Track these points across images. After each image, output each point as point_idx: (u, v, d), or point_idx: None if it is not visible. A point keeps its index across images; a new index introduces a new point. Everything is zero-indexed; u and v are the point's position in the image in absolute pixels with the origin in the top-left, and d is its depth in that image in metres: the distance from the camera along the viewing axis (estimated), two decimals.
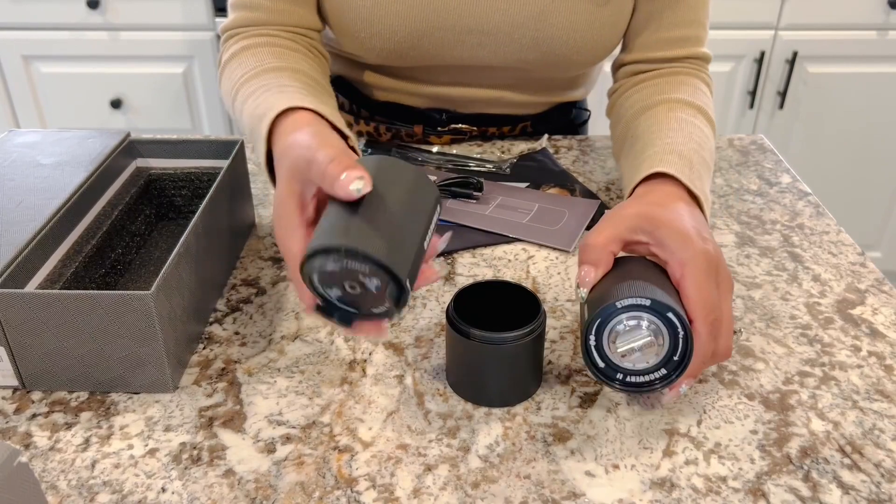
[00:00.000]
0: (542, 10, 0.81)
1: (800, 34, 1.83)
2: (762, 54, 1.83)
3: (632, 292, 0.51)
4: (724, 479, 0.52)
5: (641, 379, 0.53)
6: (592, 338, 0.53)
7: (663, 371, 0.53)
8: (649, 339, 0.52)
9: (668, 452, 0.54)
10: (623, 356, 0.52)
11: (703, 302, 0.52)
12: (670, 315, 0.51)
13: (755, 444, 0.55)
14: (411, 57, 0.86)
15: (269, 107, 0.63)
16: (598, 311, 0.52)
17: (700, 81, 0.82)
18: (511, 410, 0.57)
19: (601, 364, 0.53)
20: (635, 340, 0.52)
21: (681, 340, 0.52)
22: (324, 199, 0.53)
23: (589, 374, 0.60)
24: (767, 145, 1.00)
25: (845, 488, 0.51)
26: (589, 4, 0.81)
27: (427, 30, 0.83)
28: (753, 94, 1.89)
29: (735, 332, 0.55)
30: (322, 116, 0.63)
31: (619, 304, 0.51)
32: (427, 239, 0.49)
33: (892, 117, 1.93)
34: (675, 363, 0.53)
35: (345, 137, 0.64)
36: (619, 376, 0.53)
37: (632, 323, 0.52)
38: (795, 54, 1.83)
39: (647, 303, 0.51)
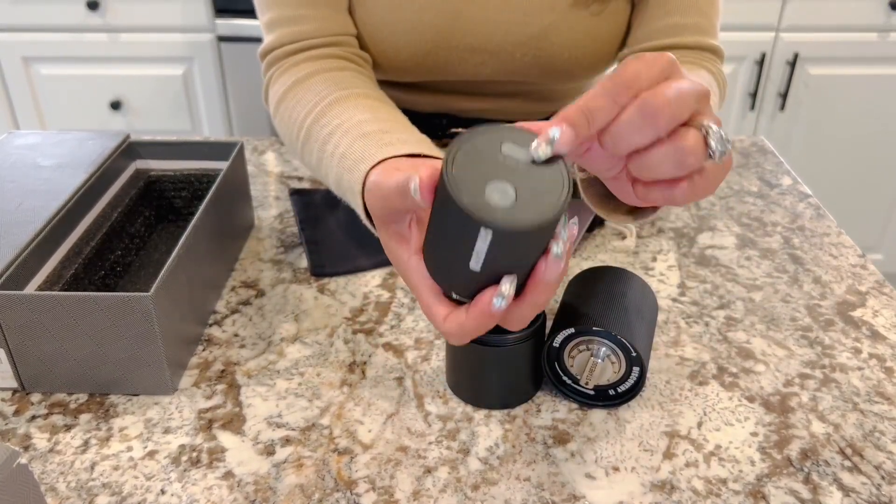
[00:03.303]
0: (544, 29, 0.81)
1: (801, 36, 1.83)
2: (763, 56, 1.83)
3: (560, 326, 0.55)
4: (724, 482, 0.52)
5: (617, 390, 0.57)
6: (560, 374, 0.58)
7: (630, 381, 0.56)
8: (598, 362, 0.56)
9: (668, 455, 0.54)
10: (587, 382, 0.56)
11: (618, 70, 0.41)
12: (601, 336, 0.55)
13: (755, 446, 0.54)
14: (415, 73, 0.86)
15: (359, 159, 0.59)
16: (546, 358, 0.57)
17: (703, 70, 0.76)
18: (511, 412, 0.57)
19: (567, 380, 0.58)
20: (587, 367, 0.56)
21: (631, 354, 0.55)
22: (423, 220, 0.49)
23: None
24: (768, 147, 1.00)
25: (846, 490, 0.51)
26: (590, 19, 0.81)
27: (431, 49, 0.83)
28: (754, 95, 1.89)
29: (706, 130, 0.42)
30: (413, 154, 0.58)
31: (555, 345, 0.57)
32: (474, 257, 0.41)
33: (893, 119, 1.93)
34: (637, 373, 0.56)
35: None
36: (591, 392, 0.58)
37: (578, 352, 0.56)
38: (796, 56, 1.83)
39: (572, 331, 0.55)
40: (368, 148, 0.59)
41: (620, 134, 0.41)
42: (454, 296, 0.45)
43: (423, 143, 0.60)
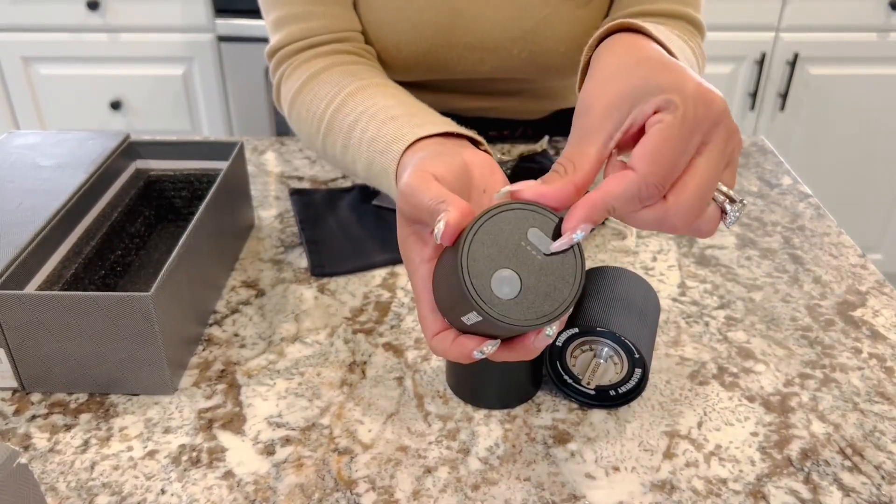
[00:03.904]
0: (539, 23, 0.81)
1: (801, 35, 1.83)
2: (763, 56, 1.83)
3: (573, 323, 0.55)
4: (724, 482, 0.52)
5: (618, 391, 0.57)
6: (561, 373, 0.58)
7: (634, 380, 0.56)
8: (600, 362, 0.56)
9: (668, 454, 0.54)
10: (588, 382, 0.56)
11: (655, 156, 0.39)
12: (605, 337, 0.55)
13: (756, 446, 0.54)
14: (415, 72, 0.86)
15: (392, 140, 0.58)
16: (548, 357, 0.57)
17: (681, 42, 0.73)
18: (511, 412, 0.57)
19: (570, 381, 0.58)
20: (590, 367, 0.56)
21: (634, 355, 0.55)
22: None
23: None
24: (768, 147, 1.00)
25: (846, 490, 0.51)
26: (582, 10, 0.81)
27: (431, 47, 0.83)
28: (754, 95, 1.89)
29: (733, 201, 0.42)
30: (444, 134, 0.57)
31: (558, 344, 0.56)
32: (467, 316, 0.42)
33: (893, 119, 1.93)
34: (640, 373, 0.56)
35: (476, 143, 0.57)
36: (592, 392, 0.58)
37: (581, 352, 0.56)
38: (796, 56, 1.83)
39: (576, 331, 0.55)
40: (401, 129, 0.58)
41: (635, 224, 0.42)
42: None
43: (451, 124, 0.59)
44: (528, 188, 0.41)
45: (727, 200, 0.42)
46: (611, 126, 0.41)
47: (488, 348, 0.43)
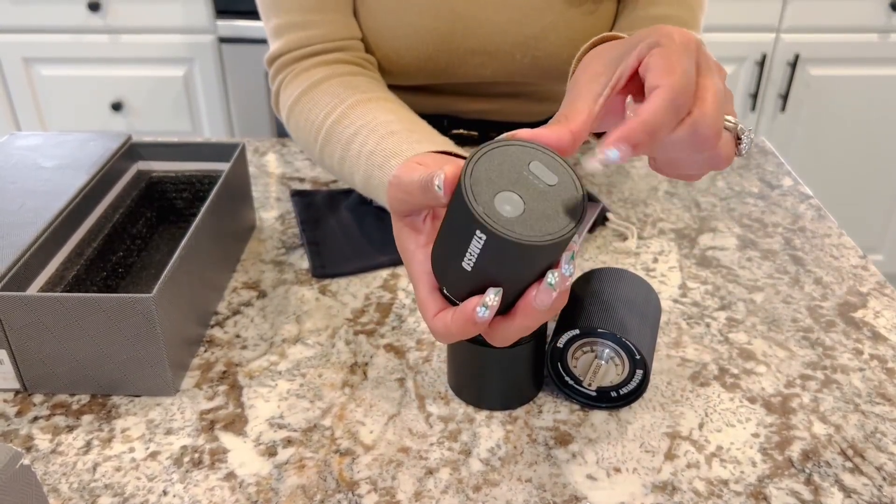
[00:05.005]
0: (542, 29, 0.81)
1: (801, 37, 1.83)
2: (764, 57, 1.84)
3: (563, 327, 0.56)
4: (725, 483, 0.52)
5: (619, 392, 0.57)
6: (562, 374, 0.58)
7: (636, 381, 0.57)
8: (601, 364, 0.56)
9: (669, 456, 0.54)
10: (590, 383, 0.56)
11: (669, 68, 0.41)
12: (605, 338, 0.56)
13: (757, 447, 0.55)
14: (416, 76, 0.86)
15: (390, 154, 0.60)
16: (549, 358, 0.57)
17: None
18: (512, 413, 0.57)
19: (570, 382, 0.58)
20: (591, 368, 0.56)
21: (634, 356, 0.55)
22: (439, 216, 0.49)
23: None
24: (769, 148, 1.00)
25: (847, 492, 0.51)
26: (585, 18, 0.81)
27: (433, 52, 0.83)
28: (755, 96, 1.89)
29: (739, 131, 0.44)
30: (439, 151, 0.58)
31: (559, 345, 0.56)
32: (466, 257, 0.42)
33: (894, 120, 1.93)
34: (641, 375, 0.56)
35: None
36: (593, 394, 0.58)
37: (582, 353, 0.56)
38: (797, 57, 1.83)
39: (577, 332, 0.55)
40: (399, 144, 0.60)
41: (667, 149, 0.43)
42: (445, 292, 0.46)
43: (449, 144, 0.60)
44: (526, 131, 0.42)
45: (738, 127, 0.44)
46: (598, 86, 0.44)
47: (490, 297, 0.42)
